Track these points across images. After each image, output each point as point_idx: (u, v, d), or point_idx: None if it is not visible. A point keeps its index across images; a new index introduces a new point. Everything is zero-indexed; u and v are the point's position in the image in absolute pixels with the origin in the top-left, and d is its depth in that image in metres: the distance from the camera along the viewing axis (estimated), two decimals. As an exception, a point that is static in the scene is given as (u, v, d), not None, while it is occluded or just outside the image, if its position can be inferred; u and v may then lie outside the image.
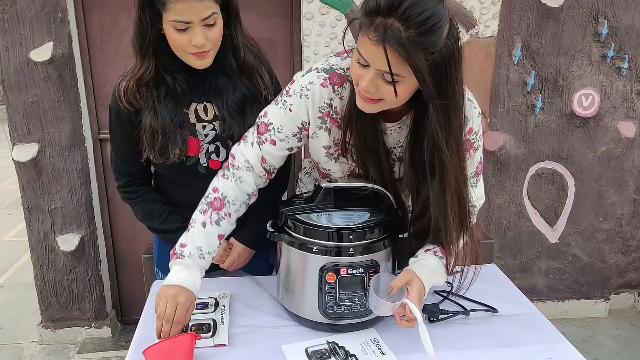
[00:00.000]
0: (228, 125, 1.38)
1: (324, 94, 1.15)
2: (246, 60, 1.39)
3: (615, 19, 2.35)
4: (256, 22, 2.29)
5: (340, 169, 1.26)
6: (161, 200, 1.48)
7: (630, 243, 2.73)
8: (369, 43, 0.93)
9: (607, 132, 2.51)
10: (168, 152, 1.33)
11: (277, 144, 1.21)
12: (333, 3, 2.21)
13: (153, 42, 1.31)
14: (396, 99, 1.00)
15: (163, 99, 1.34)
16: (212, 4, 1.26)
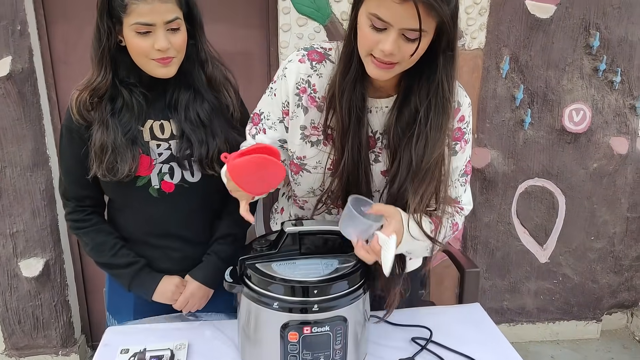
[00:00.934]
0: (185, 144, 1.29)
1: (301, 69, 1.15)
2: (214, 73, 1.34)
3: (608, 30, 2.24)
4: (231, 34, 2.16)
5: (315, 157, 1.19)
6: (114, 232, 1.37)
7: (622, 262, 2.64)
8: (392, 3, 0.93)
9: (599, 148, 2.41)
10: (117, 167, 1.23)
11: (267, 133, 1.22)
12: (311, 14, 2.09)
13: (110, 53, 1.24)
14: (414, 57, 1.00)
15: (117, 113, 1.26)
16: (175, 8, 1.21)
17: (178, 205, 1.33)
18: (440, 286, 2.49)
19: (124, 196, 1.34)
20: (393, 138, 1.12)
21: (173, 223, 1.35)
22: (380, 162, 1.18)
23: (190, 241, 1.38)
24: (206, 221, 1.41)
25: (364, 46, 1.01)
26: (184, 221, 1.36)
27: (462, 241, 2.52)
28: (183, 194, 1.32)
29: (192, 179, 1.33)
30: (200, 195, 1.35)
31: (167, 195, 1.31)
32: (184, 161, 1.30)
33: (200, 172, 1.33)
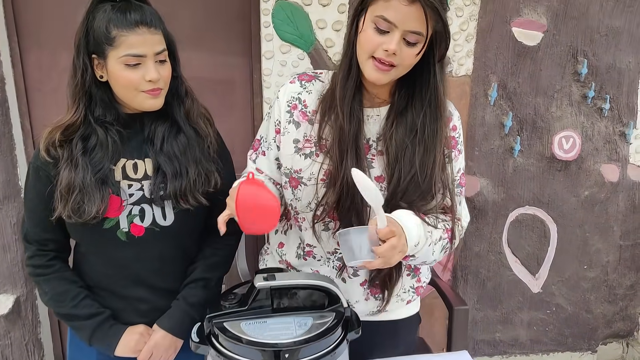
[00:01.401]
0: (160, 179, 1.23)
1: (291, 89, 1.26)
2: (193, 106, 1.30)
3: (595, 57, 2.22)
4: (212, 62, 2.10)
5: (309, 168, 1.21)
6: (78, 281, 1.27)
7: (617, 291, 2.57)
8: (400, 4, 1.03)
9: (589, 175, 2.36)
10: (83, 208, 1.16)
11: (267, 154, 1.30)
12: (294, 41, 2.04)
13: (86, 89, 1.18)
14: (412, 61, 1.10)
15: (89, 152, 1.20)
16: (163, 40, 1.19)
17: (148, 250, 1.25)
18: (431, 318, 2.40)
19: (89, 239, 1.25)
20: (392, 146, 1.17)
21: (142, 270, 1.27)
22: (374, 167, 1.21)
23: (160, 290, 1.29)
24: (178, 268, 1.32)
25: (367, 49, 1.09)
26: (154, 268, 1.27)
27: (452, 272, 2.44)
28: (154, 238, 1.24)
29: (164, 222, 1.25)
30: (173, 240, 1.26)
31: (137, 239, 1.23)
32: (158, 199, 1.23)
33: (173, 213, 1.25)
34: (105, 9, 1.16)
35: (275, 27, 2.02)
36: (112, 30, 1.13)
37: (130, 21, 1.13)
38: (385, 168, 1.19)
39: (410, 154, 1.15)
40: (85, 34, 1.16)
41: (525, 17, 2.12)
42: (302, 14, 2.01)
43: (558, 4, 2.13)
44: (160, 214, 1.24)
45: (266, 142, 1.29)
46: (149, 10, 1.17)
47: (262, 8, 1.99)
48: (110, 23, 1.13)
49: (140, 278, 1.27)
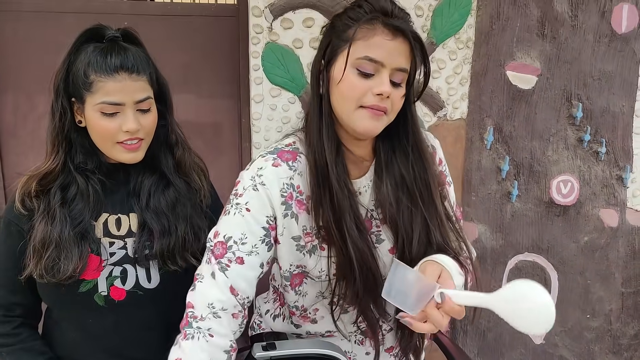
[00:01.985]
0: (145, 237, 1.10)
1: (280, 173, 1.01)
2: (184, 156, 1.18)
3: (589, 101, 2.19)
4: (199, 105, 2.02)
5: (317, 266, 1.01)
6: (46, 352, 1.12)
7: (621, 342, 2.46)
8: (384, 40, 0.92)
9: (588, 220, 2.30)
10: (58, 266, 1.02)
11: (245, 261, 0.97)
12: (285, 84, 1.97)
13: (65, 135, 1.08)
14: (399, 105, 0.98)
15: (69, 203, 1.07)
16: (147, 87, 1.07)
17: (129, 317, 1.11)
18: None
19: (63, 304, 1.11)
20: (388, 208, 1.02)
21: (121, 340, 1.12)
22: (384, 240, 1.05)
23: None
24: (162, 337, 1.16)
25: (353, 97, 0.94)
26: (135, 337, 1.13)
27: (451, 322, 2.31)
28: (136, 303, 1.10)
29: (148, 284, 1.11)
30: (157, 305, 1.13)
31: (117, 304, 1.09)
32: (143, 259, 1.10)
33: (159, 275, 1.12)
34: (87, 51, 1.06)
35: (265, 70, 1.95)
36: (90, 75, 1.04)
37: (109, 66, 1.03)
38: (394, 237, 1.05)
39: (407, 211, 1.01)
40: (65, 75, 1.07)
41: (519, 61, 2.10)
42: (293, 57, 1.96)
43: (551, 49, 2.11)
44: (145, 275, 1.11)
45: (244, 244, 0.98)
46: (135, 54, 1.07)
47: (251, 51, 1.93)
48: (89, 66, 1.04)
49: (119, 349, 1.12)
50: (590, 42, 2.14)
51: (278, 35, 1.93)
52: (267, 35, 1.92)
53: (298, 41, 1.94)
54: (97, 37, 1.08)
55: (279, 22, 1.92)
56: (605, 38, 2.14)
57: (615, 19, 2.13)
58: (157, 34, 1.93)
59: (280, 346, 0.93)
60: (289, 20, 1.92)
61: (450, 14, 2.03)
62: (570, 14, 2.10)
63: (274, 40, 1.93)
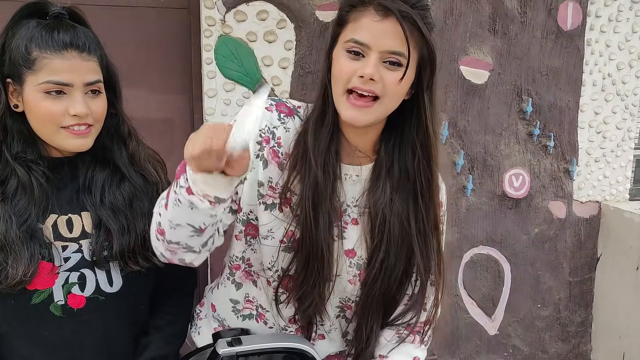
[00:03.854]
0: (103, 237, 1.01)
1: (267, 116, 1.00)
2: (138, 149, 1.11)
3: (538, 96, 2.25)
4: (148, 100, 1.93)
5: (268, 224, 0.97)
6: None
7: (569, 329, 2.56)
8: (371, 22, 0.88)
9: (538, 213, 2.37)
10: (6, 271, 0.92)
11: None
12: (239, 79, 1.92)
13: (2, 121, 0.99)
14: (396, 89, 0.91)
15: (10, 198, 0.96)
16: (98, 69, 0.99)
17: (90, 325, 1.01)
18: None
19: (12, 317, 1.00)
20: (374, 215, 0.97)
21: (82, 350, 1.02)
22: (347, 238, 1.00)
23: None
24: (127, 344, 1.08)
25: (340, 79, 0.92)
26: (98, 347, 1.03)
27: (408, 317, 2.33)
28: (98, 309, 1.01)
29: (110, 288, 1.02)
30: (121, 309, 1.04)
31: (76, 313, 1.00)
32: (102, 260, 1.02)
33: (121, 276, 1.04)
34: (28, 26, 0.97)
35: (218, 63, 1.89)
36: (33, 51, 0.94)
37: (57, 42, 0.94)
38: (361, 242, 1.01)
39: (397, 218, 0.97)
40: (1, 53, 0.97)
41: (472, 56, 2.13)
42: (247, 50, 1.91)
43: (502, 44, 2.16)
44: (105, 279, 1.02)
45: None
46: (85, 32, 0.99)
47: (203, 44, 1.86)
48: (31, 42, 0.94)
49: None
50: (539, 38, 2.19)
51: (231, 28, 1.87)
52: (220, 28, 1.86)
53: (252, 34, 1.89)
54: (39, 14, 0.99)
55: (232, 14, 1.86)
56: (552, 35, 2.21)
57: (561, 17, 2.20)
58: (101, 25, 1.81)
59: (246, 341, 0.89)
60: (242, 13, 1.87)
61: (405, 9, 2.03)
62: (520, 10, 2.15)
63: (227, 33, 1.87)
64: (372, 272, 1.00)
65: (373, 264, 1.00)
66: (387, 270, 0.99)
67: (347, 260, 1.02)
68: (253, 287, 1.10)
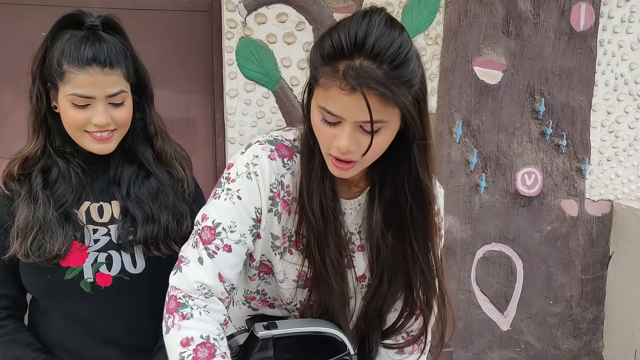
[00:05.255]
0: (129, 224, 1.10)
1: (273, 168, 0.94)
2: (164, 147, 1.17)
3: (551, 96, 2.30)
4: (172, 100, 2.01)
5: (282, 270, 0.99)
6: (34, 343, 1.11)
7: (581, 326, 2.59)
8: (340, 94, 0.80)
9: (551, 210, 2.41)
10: (45, 246, 1.02)
11: (233, 250, 0.93)
12: (259, 79, 1.98)
13: (44, 118, 1.08)
14: (374, 152, 0.86)
15: (51, 186, 1.07)
16: (121, 81, 1.05)
17: (117, 302, 1.10)
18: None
19: (48, 293, 1.09)
20: (373, 240, 0.97)
21: (110, 326, 1.11)
22: (357, 266, 1.02)
23: (130, 348, 1.13)
24: (150, 323, 1.14)
25: (322, 144, 0.88)
26: (124, 324, 1.12)
27: (422, 313, 2.38)
28: (123, 288, 1.09)
29: (134, 269, 1.11)
30: (144, 290, 1.12)
31: (103, 290, 1.08)
32: (127, 244, 1.10)
33: (144, 260, 1.12)
34: (63, 38, 1.05)
35: (240, 64, 1.96)
36: (63, 65, 1.02)
37: (82, 58, 1.02)
38: (368, 266, 1.01)
39: (390, 249, 0.96)
40: (41, 61, 1.05)
41: (485, 57, 2.18)
42: (267, 52, 1.97)
43: (515, 45, 2.20)
44: (130, 261, 1.10)
45: (234, 232, 0.94)
46: (111, 46, 1.05)
47: (225, 45, 1.93)
48: (62, 56, 1.02)
49: (108, 336, 1.11)
50: (551, 39, 2.24)
51: (252, 30, 1.93)
52: (241, 30, 1.92)
53: (272, 36, 1.95)
54: (76, 24, 1.06)
55: (253, 17, 1.93)
56: (565, 35, 2.25)
57: (573, 18, 2.24)
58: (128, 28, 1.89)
59: (281, 325, 0.94)
60: (262, 15, 1.93)
61: (420, 10, 2.08)
62: (533, 12, 2.19)
63: (247, 35, 1.93)
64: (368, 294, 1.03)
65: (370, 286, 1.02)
66: (381, 292, 1.01)
67: (358, 284, 1.05)
68: (269, 309, 1.13)
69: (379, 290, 1.01)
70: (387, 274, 0.98)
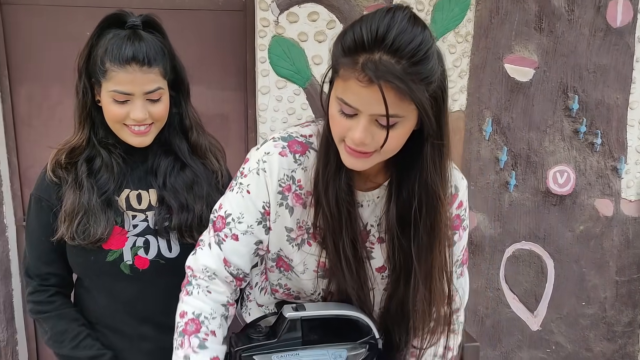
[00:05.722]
0: (165, 212, 1.18)
1: (283, 164, 0.98)
2: (199, 140, 1.25)
3: (585, 93, 2.26)
4: (206, 97, 2.09)
5: (301, 262, 1.03)
6: (79, 319, 1.20)
7: (615, 329, 2.54)
8: (358, 86, 0.82)
9: (584, 210, 2.37)
10: (89, 230, 1.12)
11: (240, 239, 1.00)
12: (290, 77, 2.04)
13: (89, 111, 1.17)
14: (391, 147, 0.87)
15: (95, 174, 1.17)
16: (158, 78, 1.13)
17: (153, 284, 1.19)
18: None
19: (92, 273, 1.19)
20: (390, 233, 0.99)
21: (147, 306, 1.20)
22: (375, 257, 1.05)
23: (166, 327, 1.21)
24: None
25: (336, 133, 0.90)
26: (159, 304, 1.20)
27: (449, 309, 2.39)
28: (159, 271, 1.18)
29: (169, 254, 1.19)
30: (179, 273, 1.20)
31: (141, 272, 1.17)
32: (163, 230, 1.18)
33: (179, 245, 1.19)
34: (107, 37, 1.13)
35: (272, 62, 2.02)
36: (106, 63, 1.11)
37: (122, 57, 1.10)
38: (387, 258, 1.03)
39: (406, 243, 0.97)
40: (87, 58, 1.14)
41: (517, 54, 2.17)
42: (298, 50, 2.03)
43: (548, 42, 2.18)
44: (166, 245, 1.19)
45: (241, 223, 1.00)
46: (149, 45, 1.12)
47: (258, 43, 2.00)
48: (105, 54, 1.11)
49: (145, 315, 1.20)
50: (586, 36, 2.20)
51: (284, 29, 1.99)
52: (274, 29, 1.99)
53: (303, 34, 2.01)
54: (119, 23, 1.14)
55: (285, 16, 1.99)
56: (601, 32, 2.21)
57: (610, 14, 2.20)
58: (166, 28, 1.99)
59: (309, 307, 0.99)
60: (294, 14, 1.99)
61: (451, 8, 2.09)
62: (567, 8, 2.17)
63: (280, 33, 2.00)
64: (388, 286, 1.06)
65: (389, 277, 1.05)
66: (399, 286, 1.02)
67: (378, 275, 1.07)
68: (294, 300, 1.17)
69: (398, 284, 1.03)
70: (402, 268, 1.00)
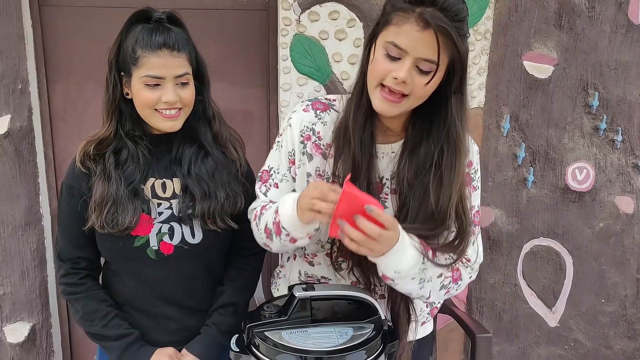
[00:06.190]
0: (188, 199, 1.26)
1: (304, 118, 1.19)
2: (221, 130, 1.34)
3: (606, 90, 2.26)
4: (230, 93, 2.17)
5: None
6: (108, 300, 1.29)
7: (636, 327, 2.52)
8: (412, 30, 0.98)
9: (604, 207, 2.36)
10: (117, 219, 1.20)
11: (280, 186, 1.22)
12: (311, 74, 2.10)
13: (117, 105, 1.25)
14: (424, 92, 1.03)
15: (121, 165, 1.25)
16: (186, 64, 1.22)
17: (177, 268, 1.27)
18: (446, 352, 2.37)
19: (120, 257, 1.28)
20: (403, 184, 1.10)
21: (172, 288, 1.28)
22: (388, 207, 1.16)
23: (189, 309, 1.30)
24: (207, 287, 1.33)
25: (376, 75, 1.04)
26: (184, 287, 1.29)
27: (466, 303, 2.42)
28: (183, 256, 1.26)
29: (192, 240, 1.27)
30: (201, 258, 1.29)
31: (166, 257, 1.25)
32: (186, 217, 1.26)
33: (202, 231, 1.27)
34: (136, 30, 1.22)
35: (293, 60, 2.08)
36: (137, 51, 1.19)
37: (154, 43, 1.18)
38: (399, 208, 1.14)
39: (420, 194, 1.08)
40: (117, 52, 1.22)
41: (536, 51, 2.18)
42: (319, 47, 2.08)
43: (567, 39, 2.19)
44: (189, 232, 1.26)
45: (278, 173, 1.22)
46: (177, 34, 1.22)
47: (280, 42, 2.06)
48: (136, 43, 1.19)
49: (170, 297, 1.29)
50: (607, 32, 2.20)
51: (305, 27, 2.05)
52: (295, 27, 2.05)
53: (324, 33, 2.06)
54: (145, 19, 1.23)
55: (307, 14, 2.05)
56: (622, 29, 2.20)
57: (632, 10, 2.19)
58: (191, 26, 2.08)
59: (318, 288, 1.06)
60: (315, 13, 2.05)
61: (469, 6, 2.09)
62: (587, 5, 2.17)
63: (301, 32, 2.06)
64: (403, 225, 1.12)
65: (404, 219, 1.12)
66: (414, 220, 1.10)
67: None
68: (309, 266, 1.28)
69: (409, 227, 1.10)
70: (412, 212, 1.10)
